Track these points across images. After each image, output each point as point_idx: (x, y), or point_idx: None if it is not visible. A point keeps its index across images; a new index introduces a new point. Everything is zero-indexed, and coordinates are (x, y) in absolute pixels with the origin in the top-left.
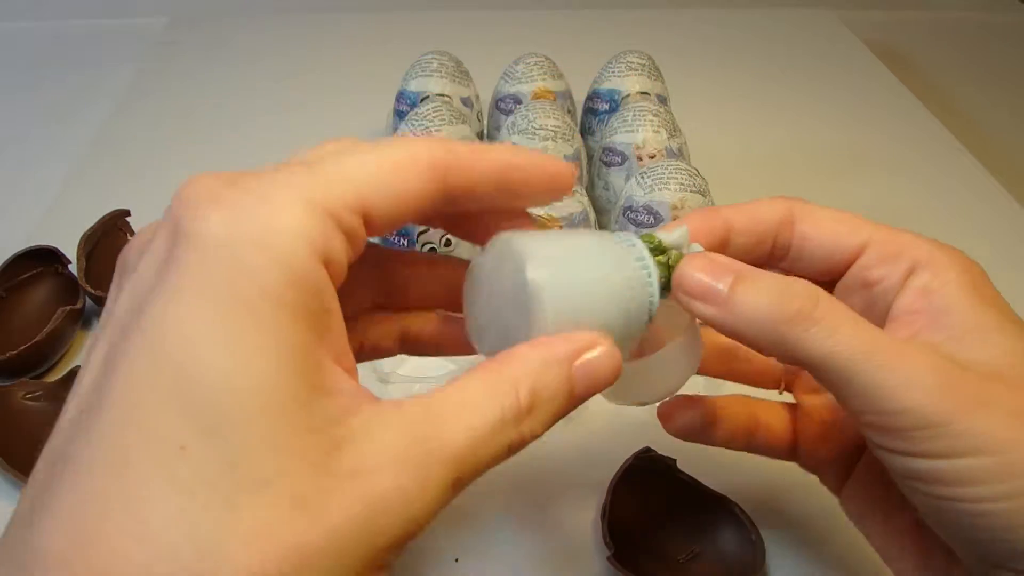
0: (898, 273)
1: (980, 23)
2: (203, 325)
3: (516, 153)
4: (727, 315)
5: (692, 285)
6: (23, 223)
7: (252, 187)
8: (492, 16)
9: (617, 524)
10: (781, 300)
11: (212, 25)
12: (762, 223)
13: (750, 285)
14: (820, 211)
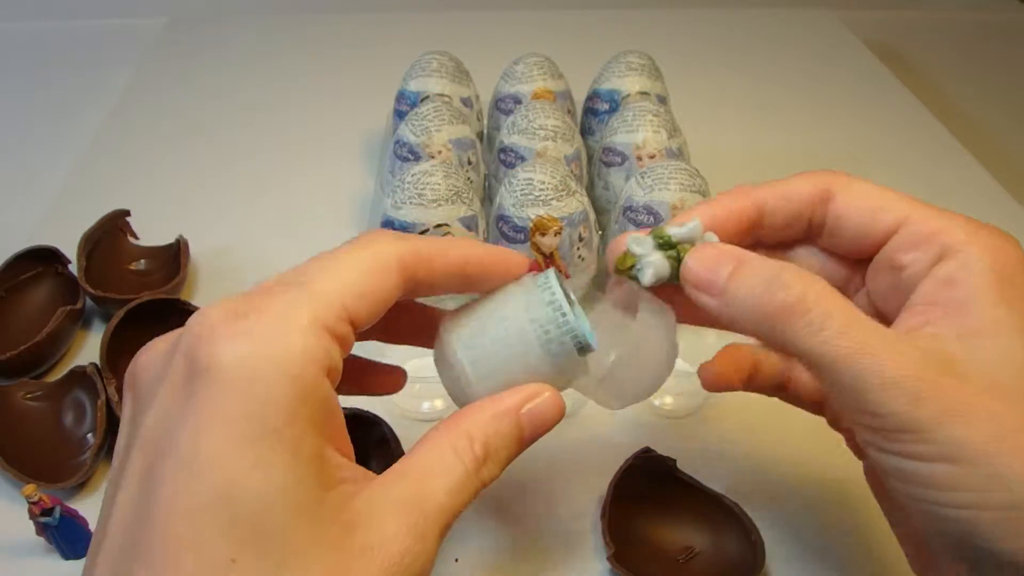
0: (926, 259)
1: (980, 23)
2: (233, 451)
3: (475, 247)
4: (723, 306)
5: (691, 277)
6: (23, 223)
7: (257, 318)
8: (492, 16)
9: (617, 524)
10: (768, 290)
11: (212, 25)
12: (794, 202)
13: (743, 274)
14: (858, 186)
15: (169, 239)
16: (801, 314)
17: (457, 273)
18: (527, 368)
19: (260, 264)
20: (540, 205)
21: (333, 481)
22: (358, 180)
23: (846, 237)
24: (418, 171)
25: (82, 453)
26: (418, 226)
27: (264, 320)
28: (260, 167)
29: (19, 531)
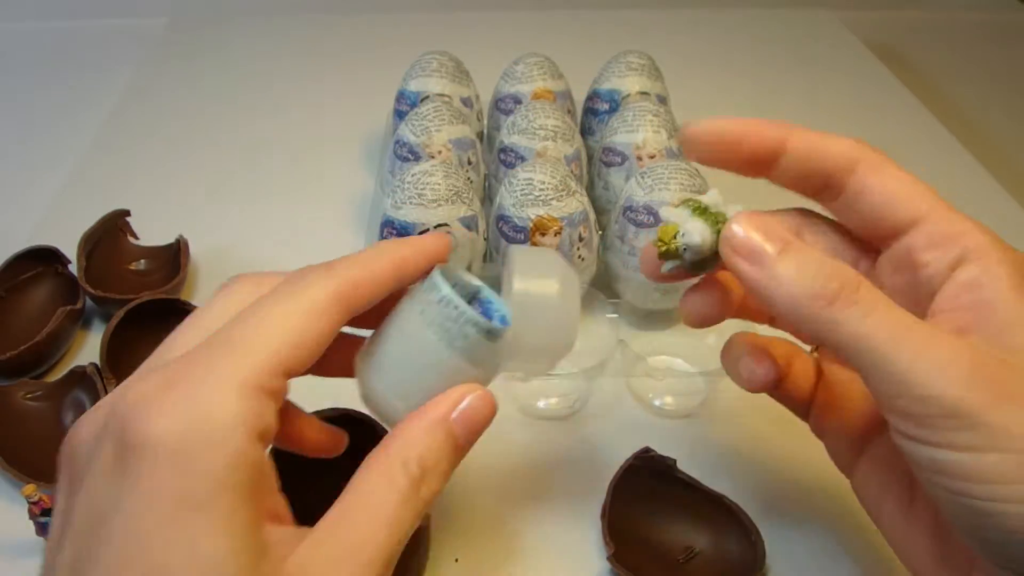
0: (946, 260)
1: (980, 23)
2: (163, 531)
3: (399, 248)
4: (768, 280)
5: (741, 241)
6: (23, 223)
7: (184, 388)
8: (492, 16)
9: (617, 524)
10: (825, 277)
11: (212, 26)
12: (821, 158)
13: (797, 256)
14: (888, 168)
15: (169, 239)
16: (850, 298)
17: (392, 279)
18: (443, 373)
19: (260, 264)
20: (540, 205)
21: (265, 548)
22: (358, 180)
23: (862, 215)
24: (418, 171)
25: None
26: (418, 226)
27: (191, 389)
28: (260, 167)
29: (19, 531)
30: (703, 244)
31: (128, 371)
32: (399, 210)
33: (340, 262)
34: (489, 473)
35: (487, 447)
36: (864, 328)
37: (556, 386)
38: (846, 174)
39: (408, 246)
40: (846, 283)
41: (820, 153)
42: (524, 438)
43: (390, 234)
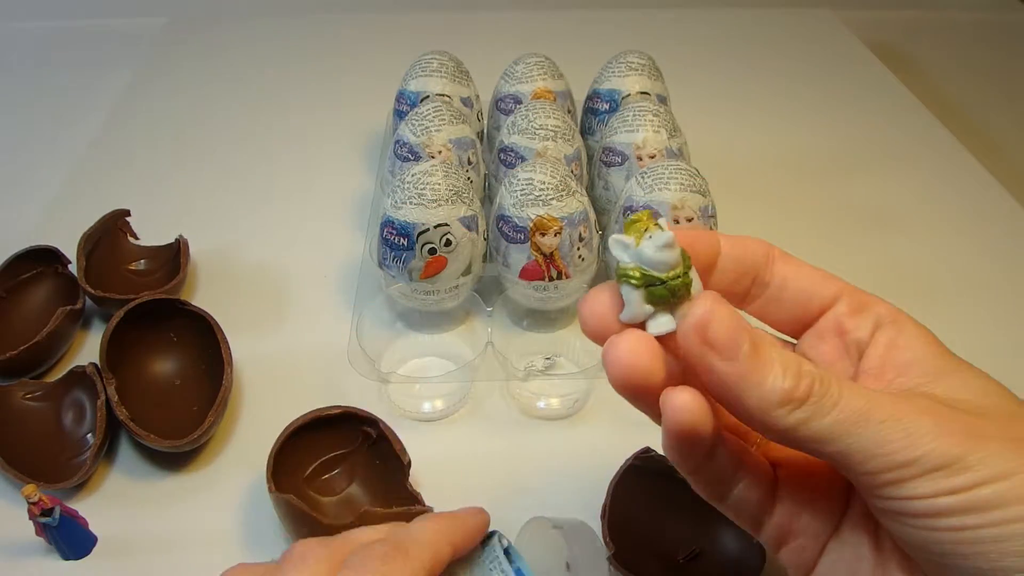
0: (867, 326)
1: (980, 23)
2: None
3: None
4: (740, 380)
5: (716, 334)
6: (23, 223)
7: None
8: (492, 16)
9: (617, 524)
10: (796, 378)
11: (211, 26)
12: (750, 255)
13: (769, 354)
14: (795, 259)
15: (169, 239)
16: (820, 394)
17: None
18: None
19: (260, 264)
20: (540, 205)
21: None
22: (358, 180)
23: (793, 300)
24: (418, 171)
25: (82, 453)
26: (418, 226)
27: None
28: (260, 167)
29: (19, 531)
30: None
31: (128, 371)
32: (399, 210)
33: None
34: (489, 473)
35: (487, 447)
36: (838, 416)
37: (556, 386)
38: (768, 267)
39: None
40: (816, 379)
41: (748, 250)
42: (524, 438)
43: (390, 234)
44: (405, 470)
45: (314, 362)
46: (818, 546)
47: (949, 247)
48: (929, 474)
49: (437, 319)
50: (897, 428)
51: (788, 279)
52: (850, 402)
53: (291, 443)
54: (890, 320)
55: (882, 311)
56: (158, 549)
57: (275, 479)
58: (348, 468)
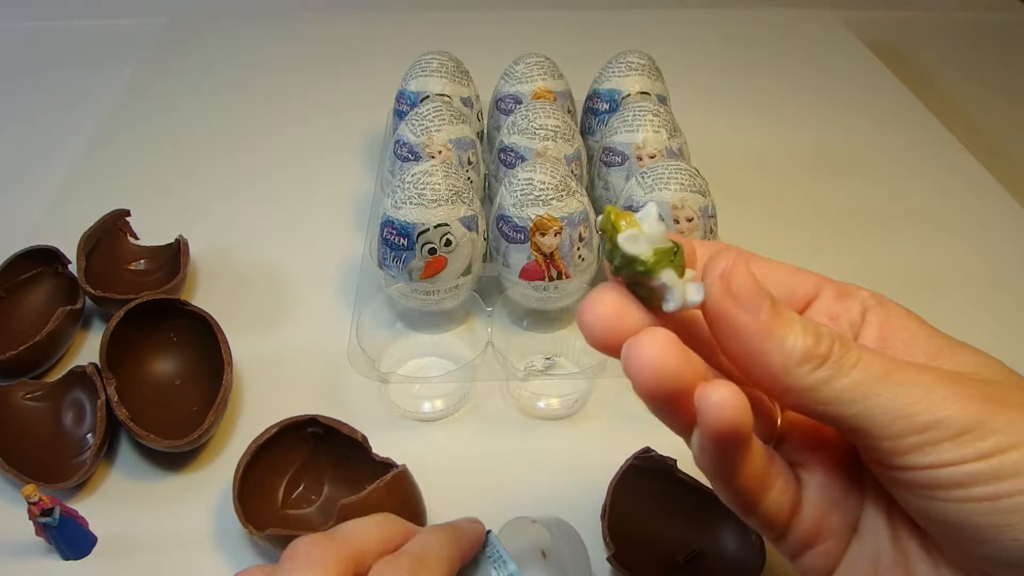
0: (856, 309)
1: (980, 23)
2: None
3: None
4: (763, 334)
5: (741, 286)
6: (23, 223)
7: None
8: (492, 16)
9: (617, 524)
10: (817, 336)
11: (211, 25)
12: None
13: (788, 313)
14: (764, 258)
15: (169, 239)
16: (841, 353)
17: None
18: None
19: (260, 264)
20: (540, 205)
21: None
22: (358, 180)
23: (776, 294)
24: (418, 171)
25: (82, 453)
26: (418, 226)
27: None
28: (260, 167)
29: (19, 531)
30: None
31: (128, 371)
32: (399, 210)
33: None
34: (488, 473)
35: (487, 447)
36: (860, 376)
37: (556, 386)
38: None
39: (467, 538)
40: (836, 339)
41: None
42: (524, 438)
43: (390, 234)
44: (364, 445)
45: (314, 362)
46: (842, 547)
47: (949, 247)
48: (956, 438)
49: (437, 319)
50: (919, 389)
51: (766, 278)
52: (871, 363)
53: (249, 480)
54: (876, 303)
55: (866, 295)
56: (158, 549)
57: (253, 515)
58: (315, 473)
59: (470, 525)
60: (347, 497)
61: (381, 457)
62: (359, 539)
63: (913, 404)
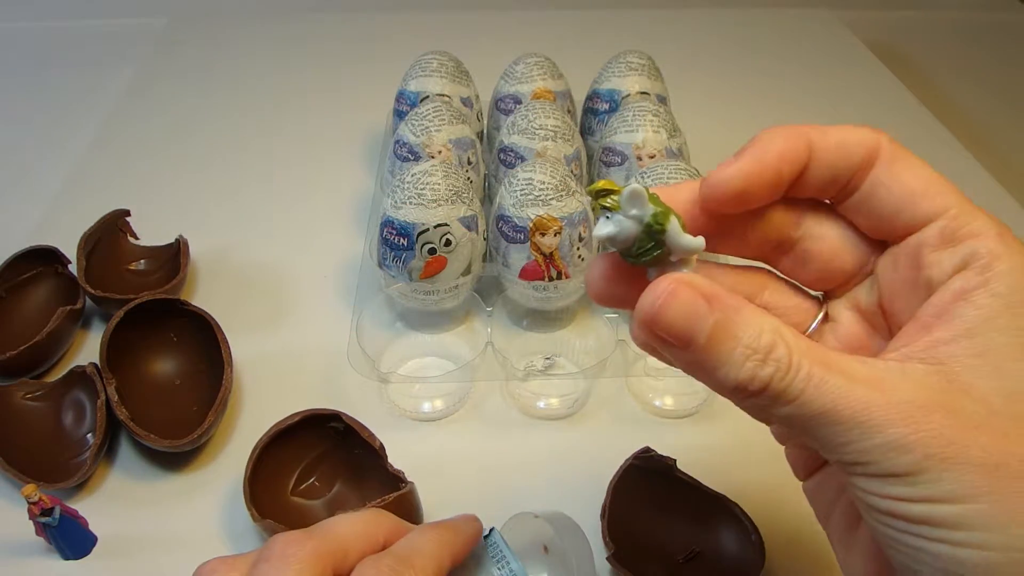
0: (951, 262)
1: (980, 23)
2: None
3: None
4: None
5: (668, 328)
6: (23, 223)
7: None
8: (492, 16)
9: (617, 524)
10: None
11: (212, 25)
12: (847, 157)
13: (730, 340)
14: (906, 160)
15: (169, 239)
16: (781, 389)
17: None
18: None
19: (260, 264)
20: (540, 205)
21: None
22: (358, 180)
23: (878, 211)
24: (418, 171)
25: (82, 453)
26: (418, 226)
27: None
28: (260, 167)
29: (19, 531)
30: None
31: (128, 371)
32: (399, 210)
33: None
34: (488, 473)
35: (487, 447)
36: (798, 412)
37: (556, 386)
38: (866, 170)
39: (460, 537)
40: (780, 369)
41: (846, 153)
42: (524, 438)
43: (390, 234)
44: (380, 453)
45: (314, 362)
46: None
47: None
48: (885, 478)
49: (437, 319)
50: (854, 431)
51: (880, 186)
52: (814, 399)
53: (262, 464)
54: (985, 262)
55: (980, 247)
56: (158, 549)
57: (259, 500)
58: (328, 468)
59: (466, 524)
60: (353, 500)
61: (394, 469)
62: (340, 537)
63: (846, 445)
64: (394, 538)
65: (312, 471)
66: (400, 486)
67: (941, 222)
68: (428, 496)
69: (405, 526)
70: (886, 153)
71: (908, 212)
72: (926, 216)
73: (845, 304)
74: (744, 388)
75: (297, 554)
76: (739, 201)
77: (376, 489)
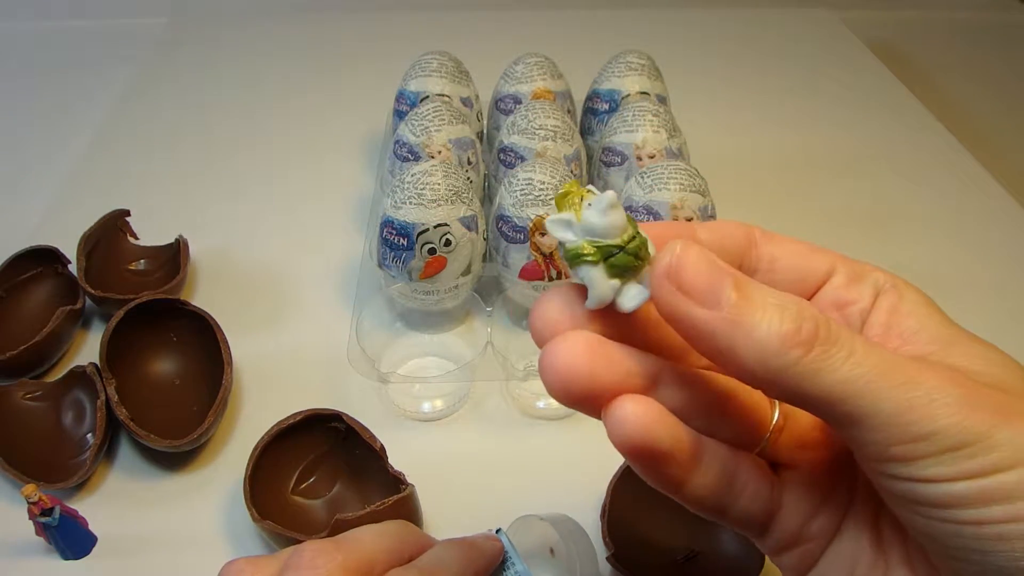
0: (868, 294)
1: (980, 23)
2: None
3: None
4: (729, 328)
5: (693, 279)
6: (23, 223)
7: None
8: (492, 16)
9: (617, 524)
10: (798, 319)
11: (212, 25)
12: (729, 241)
13: (760, 296)
14: (779, 236)
15: (169, 239)
16: (828, 340)
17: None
18: None
19: (260, 264)
20: (540, 205)
21: None
22: (358, 180)
23: (786, 280)
24: (418, 171)
25: (82, 453)
26: (418, 226)
27: None
28: (260, 167)
29: (19, 531)
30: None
31: (128, 371)
32: (399, 210)
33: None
34: (488, 473)
35: (487, 447)
36: (850, 372)
37: None
38: (751, 251)
39: (484, 557)
40: (821, 323)
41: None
42: (524, 438)
43: (390, 234)
44: (381, 454)
45: (314, 362)
46: (823, 546)
47: (949, 247)
48: (949, 452)
49: (437, 319)
50: (918, 394)
51: (776, 259)
52: (865, 356)
53: (263, 464)
54: (890, 286)
55: (880, 277)
56: (158, 549)
57: (259, 500)
58: (328, 468)
59: (486, 542)
60: (353, 501)
61: (394, 471)
62: (369, 551)
63: (909, 411)
64: (418, 552)
65: (312, 471)
66: (400, 488)
67: (842, 268)
68: (427, 496)
69: (429, 540)
70: (758, 233)
71: (811, 271)
72: (826, 270)
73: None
74: (792, 340)
75: (327, 566)
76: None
77: (376, 490)
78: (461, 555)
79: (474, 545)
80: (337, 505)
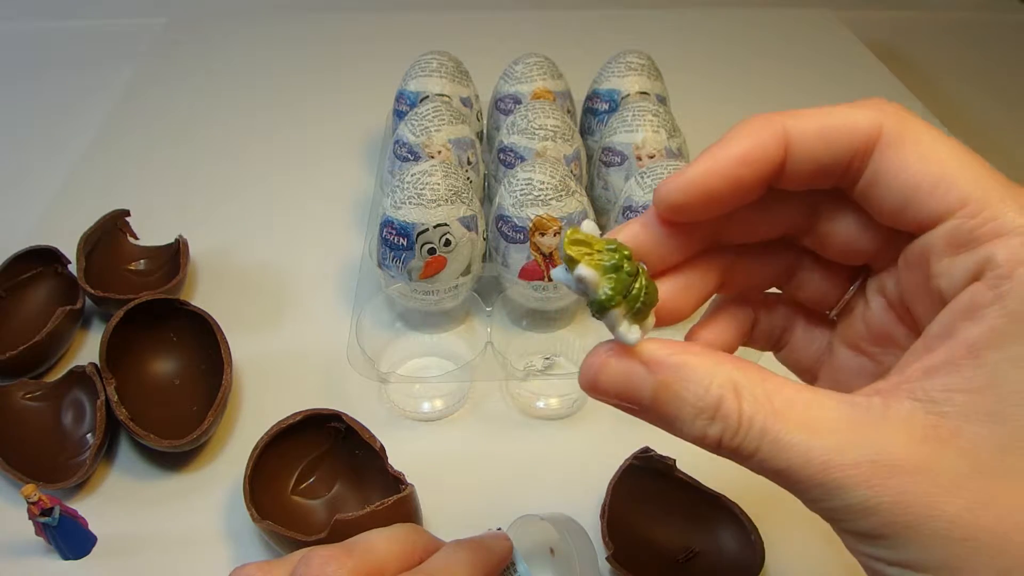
0: (962, 272)
1: (980, 23)
2: None
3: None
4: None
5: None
6: (23, 223)
7: None
8: (492, 16)
9: (617, 524)
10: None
11: (211, 25)
12: (832, 146)
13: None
14: (915, 143)
15: (169, 239)
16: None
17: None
18: None
19: (260, 264)
20: (540, 205)
21: None
22: (358, 180)
23: (878, 205)
24: (417, 171)
25: (82, 453)
26: (418, 226)
27: None
28: (260, 167)
29: (19, 531)
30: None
31: (128, 371)
32: (398, 210)
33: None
34: (488, 473)
35: (487, 447)
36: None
37: (555, 386)
38: (862, 158)
39: (493, 557)
40: (727, 423)
41: (829, 142)
42: (523, 438)
43: (390, 234)
44: (381, 454)
45: (314, 362)
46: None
47: None
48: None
49: (437, 319)
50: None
51: (882, 174)
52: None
53: (262, 464)
54: (1003, 271)
55: (1000, 252)
56: (158, 549)
57: (259, 500)
58: (329, 467)
59: (496, 542)
60: (353, 501)
61: (394, 471)
62: (379, 556)
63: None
64: (427, 554)
65: (312, 471)
66: (400, 488)
67: (953, 221)
68: (427, 496)
69: (437, 542)
70: (889, 136)
71: (913, 209)
72: (934, 214)
73: (875, 288)
74: (700, 444)
75: (338, 572)
76: (694, 213)
77: (376, 490)
78: (470, 556)
79: (483, 545)
80: (337, 505)
